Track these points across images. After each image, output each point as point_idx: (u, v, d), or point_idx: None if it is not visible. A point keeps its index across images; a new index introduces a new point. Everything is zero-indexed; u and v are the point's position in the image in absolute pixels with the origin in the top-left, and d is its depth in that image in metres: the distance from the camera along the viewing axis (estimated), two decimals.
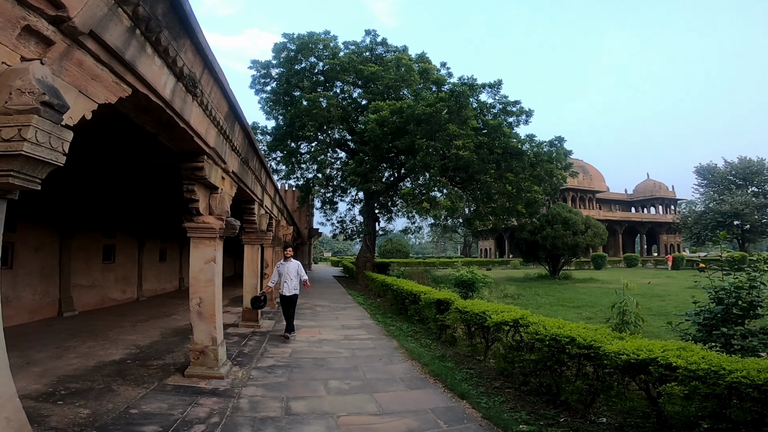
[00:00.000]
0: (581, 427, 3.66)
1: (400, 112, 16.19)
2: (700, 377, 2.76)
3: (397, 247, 49.91)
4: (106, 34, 2.29)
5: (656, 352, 3.05)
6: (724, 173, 46.66)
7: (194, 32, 3.25)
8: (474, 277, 10.50)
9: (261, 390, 4.86)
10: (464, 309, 6.23)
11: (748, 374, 2.62)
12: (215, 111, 4.38)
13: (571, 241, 21.44)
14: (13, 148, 1.81)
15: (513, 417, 3.94)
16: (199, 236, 5.16)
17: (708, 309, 4.71)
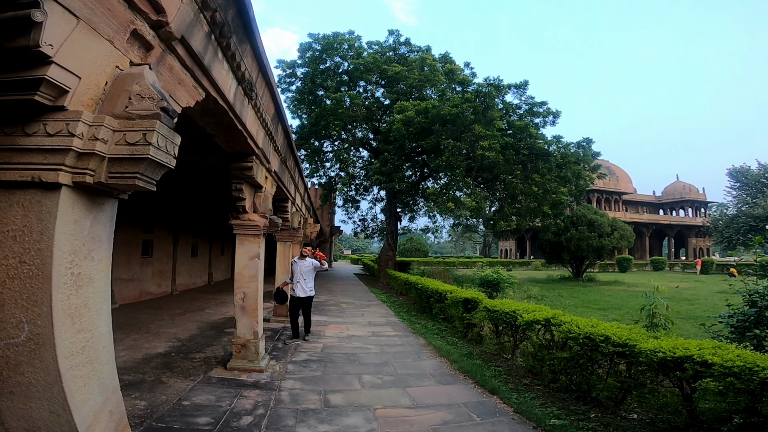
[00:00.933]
0: (612, 422, 3.76)
1: (426, 113, 16.30)
2: (735, 374, 2.86)
3: (417, 246, 49.99)
4: (192, 40, 2.43)
5: (692, 350, 3.17)
6: (757, 176, 44.76)
7: (254, 37, 3.46)
8: (499, 277, 10.58)
9: (299, 383, 5.10)
10: (493, 308, 6.35)
11: None
12: (265, 113, 4.63)
13: (596, 243, 21.16)
14: (139, 152, 1.93)
15: (544, 412, 4.04)
16: (244, 233, 5.41)
17: (741, 311, 4.77)
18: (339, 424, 3.89)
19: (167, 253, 13.72)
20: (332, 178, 23.05)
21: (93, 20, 1.78)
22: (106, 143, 1.94)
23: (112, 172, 1.97)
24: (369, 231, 25.29)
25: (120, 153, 1.96)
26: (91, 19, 1.77)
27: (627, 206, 52.96)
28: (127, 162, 1.97)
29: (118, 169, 1.97)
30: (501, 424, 3.90)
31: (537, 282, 22.05)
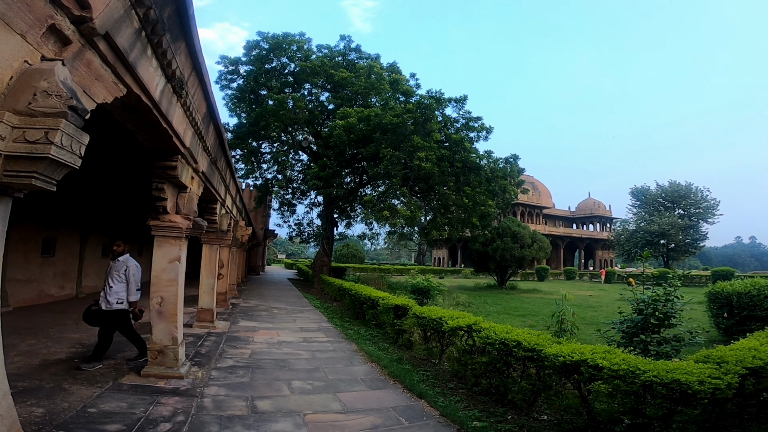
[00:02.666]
0: (526, 423, 4.01)
1: (368, 120, 16.51)
2: (621, 376, 3.15)
3: (353, 252, 50.07)
4: (118, 36, 2.34)
5: (587, 355, 3.48)
6: (655, 195, 51.15)
7: (191, 35, 3.35)
8: (429, 284, 10.98)
9: (224, 390, 4.93)
10: (422, 315, 6.58)
11: (658, 374, 3.05)
12: (195, 112, 4.46)
13: (518, 253, 22.74)
14: (39, 151, 1.85)
15: (467, 415, 4.23)
16: (164, 235, 5.16)
17: (630, 318, 5.40)
18: (267, 429, 3.83)
19: (73, 252, 12.42)
20: (269, 181, 22.40)
21: (7, 14, 1.66)
22: (3, 140, 1.81)
23: (7, 170, 1.86)
24: (305, 236, 24.90)
25: (17, 151, 1.86)
26: (5, 13, 1.65)
27: (546, 220, 57.59)
28: (25, 160, 1.88)
29: (15, 167, 1.87)
30: (428, 427, 4.04)
31: (466, 289, 23.09)
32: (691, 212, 48.37)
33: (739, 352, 3.45)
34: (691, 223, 47.19)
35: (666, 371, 3.06)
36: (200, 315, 8.83)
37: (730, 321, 8.00)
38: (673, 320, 5.19)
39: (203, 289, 8.93)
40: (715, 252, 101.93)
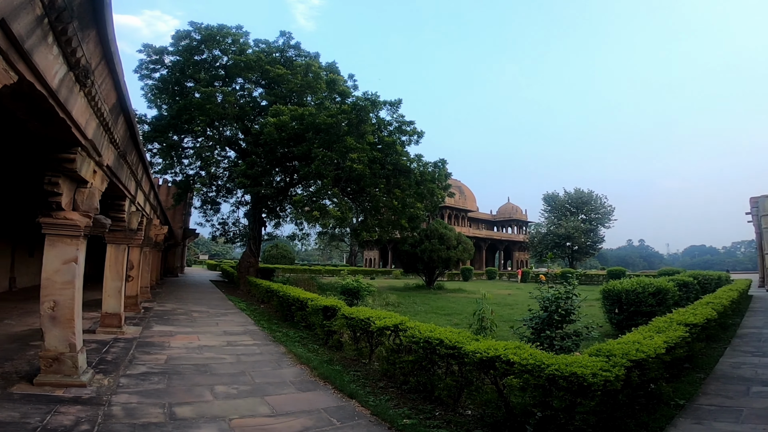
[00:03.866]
0: (452, 419, 4.15)
1: (301, 119, 16.21)
2: (529, 370, 3.35)
3: (283, 253, 48.68)
4: (15, 23, 2.16)
5: (500, 351, 3.70)
6: (563, 201, 56.50)
7: (104, 24, 3.13)
8: (359, 285, 11.08)
9: (136, 397, 4.61)
10: (350, 315, 6.65)
11: (559, 368, 3.26)
12: (102, 102, 4.13)
13: (445, 254, 23.80)
14: None
15: (397, 413, 4.32)
16: (58, 233, 4.69)
17: (538, 315, 5.96)
18: None
19: None
20: (190, 177, 20.97)
21: None
22: None
23: None
24: (230, 235, 23.68)
25: None
26: None
27: (471, 222, 60.91)
28: None
29: None
30: (359, 426, 4.08)
31: (396, 290, 23.55)
32: (591, 217, 54.24)
33: (625, 346, 3.87)
34: (591, 227, 52.94)
35: (566, 365, 3.29)
36: (105, 320, 8.12)
37: (621, 316, 8.88)
38: (573, 316, 5.81)
39: (108, 292, 8.19)
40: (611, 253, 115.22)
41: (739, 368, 6.09)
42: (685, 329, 5.14)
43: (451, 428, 3.93)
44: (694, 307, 7.26)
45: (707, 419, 3.99)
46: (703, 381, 5.42)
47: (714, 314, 6.92)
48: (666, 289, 8.75)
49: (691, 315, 6.04)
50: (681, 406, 4.41)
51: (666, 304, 8.57)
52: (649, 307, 8.47)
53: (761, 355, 6.99)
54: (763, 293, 22.71)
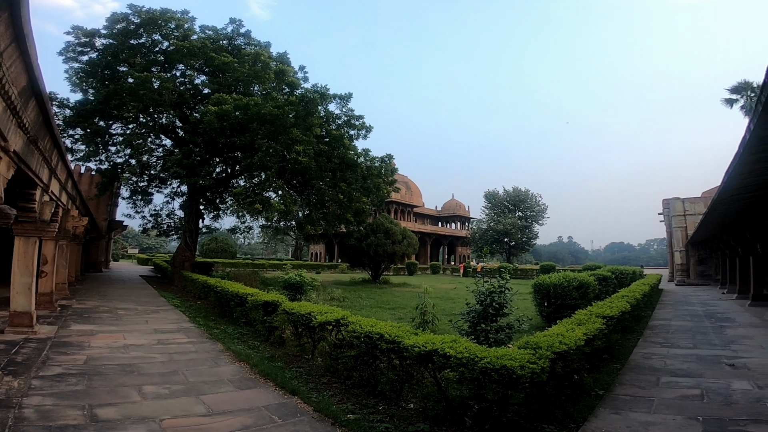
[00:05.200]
0: (395, 413, 4.17)
1: (246, 109, 15.60)
2: (464, 363, 3.40)
3: (223, 247, 46.65)
4: None
5: (437, 344, 3.76)
6: (502, 199, 59.39)
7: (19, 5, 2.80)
8: (302, 280, 10.91)
9: (51, 399, 4.25)
10: (291, 311, 6.54)
11: (491, 360, 3.32)
12: (9, 85, 3.72)
13: (390, 249, 24.12)
14: None
15: (341, 408, 4.30)
16: None
17: (474, 309, 6.21)
18: None
19: None
20: (118, 165, 19.41)
21: None
22: None
23: None
24: (163, 228, 22.22)
25: None
26: None
27: (416, 218, 62.17)
28: None
29: None
30: (302, 423, 4.01)
31: (342, 284, 23.45)
32: (527, 215, 57.57)
33: (549, 338, 4.04)
34: (527, 224, 56.23)
35: (497, 357, 3.37)
36: (14, 319, 7.37)
37: (549, 309, 9.44)
38: (506, 310, 6.13)
39: (17, 289, 7.43)
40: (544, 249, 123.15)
41: (650, 359, 6.54)
42: (603, 321, 5.45)
43: (394, 422, 3.95)
44: (611, 300, 7.73)
45: (624, 409, 4.21)
46: (619, 371, 5.72)
47: (628, 307, 7.44)
48: (588, 283, 9.49)
49: (608, 308, 6.37)
50: (600, 396, 4.65)
51: (588, 297, 9.28)
52: (573, 300, 9.08)
53: (669, 346, 7.61)
54: (672, 287, 25.55)
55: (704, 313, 12.51)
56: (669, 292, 21.47)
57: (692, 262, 28.74)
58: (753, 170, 6.05)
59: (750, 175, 6.43)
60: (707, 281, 27.07)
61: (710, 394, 4.48)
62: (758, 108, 3.43)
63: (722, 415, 3.80)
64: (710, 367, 5.82)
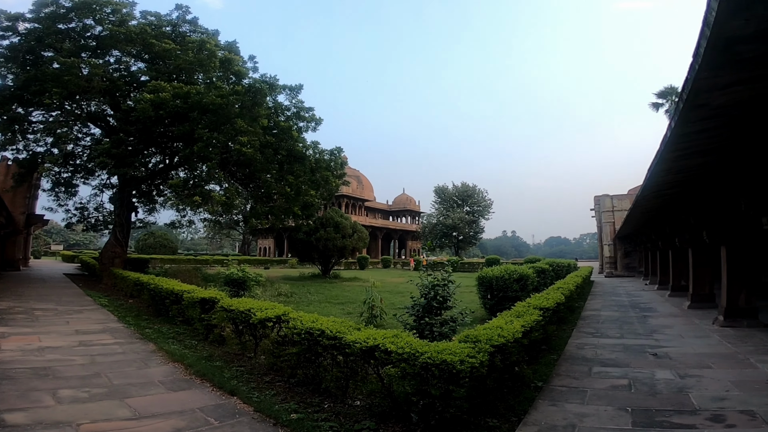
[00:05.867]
0: (341, 410, 4.07)
1: (186, 97, 14.75)
2: (406, 359, 3.33)
3: (163, 242, 43.94)
4: None
5: (379, 340, 3.68)
6: (451, 193, 60.88)
7: None
8: (245, 275, 10.45)
9: None
10: (230, 307, 6.25)
11: (431, 356, 3.24)
12: None
13: (340, 243, 23.84)
14: None
15: (284, 407, 4.14)
16: None
17: (418, 303, 6.22)
18: None
19: None
20: (38, 155, 17.62)
21: None
22: None
23: None
24: (91, 222, 20.43)
25: None
26: None
27: (368, 212, 62.26)
28: None
29: None
30: (241, 425, 3.84)
31: (291, 279, 22.85)
32: (474, 209, 59.51)
33: (489, 331, 3.99)
34: (474, 218, 58.19)
35: (437, 352, 3.30)
36: None
37: (492, 301, 9.61)
38: (449, 303, 6.20)
39: None
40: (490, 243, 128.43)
41: (583, 349, 6.76)
42: (540, 313, 5.56)
43: (339, 420, 3.87)
44: (548, 292, 7.97)
45: (560, 401, 4.30)
46: (556, 362, 5.84)
47: (562, 298, 7.73)
48: (527, 275, 9.89)
49: (545, 300, 6.50)
50: (540, 387, 4.72)
51: (527, 289, 9.66)
52: (514, 292, 9.36)
53: (599, 336, 7.98)
54: (602, 278, 27.59)
55: (630, 303, 13.50)
56: (599, 283, 23.15)
57: (619, 255, 31.23)
58: (672, 168, 6.55)
59: (669, 173, 6.96)
60: (632, 273, 29.54)
61: (637, 384, 4.69)
62: (679, 105, 3.65)
63: (649, 406, 3.97)
64: (636, 357, 6.12)
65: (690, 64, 3.03)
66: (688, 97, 3.39)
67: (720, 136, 4.79)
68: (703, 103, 3.57)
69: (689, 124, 4.14)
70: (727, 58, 2.79)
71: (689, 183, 8.19)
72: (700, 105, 3.61)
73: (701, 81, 3.12)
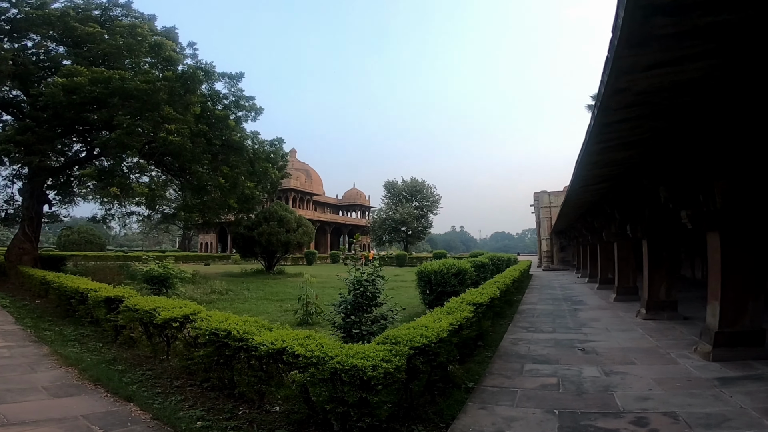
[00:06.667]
0: (257, 417, 3.77)
1: (107, 82, 13.54)
2: (314, 363, 3.01)
3: (88, 238, 40.33)
4: None
5: (288, 342, 3.33)
6: (401, 188, 61.33)
7: None
8: (168, 272, 9.59)
9: None
10: (135, 307, 5.69)
11: (341, 360, 2.91)
12: None
13: (284, 238, 22.98)
14: None
15: (188, 414, 3.85)
16: None
17: (345, 299, 5.85)
18: None
19: None
20: None
21: None
22: None
23: None
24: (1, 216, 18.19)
25: None
26: None
27: (317, 206, 61.18)
28: None
29: None
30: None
31: (232, 276, 21.81)
32: (423, 204, 60.36)
33: (412, 331, 3.68)
34: (423, 213, 59.03)
35: (348, 356, 3.00)
36: None
37: (432, 296, 9.34)
38: (380, 299, 5.89)
39: None
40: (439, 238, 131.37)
41: (517, 344, 6.69)
42: (472, 309, 5.30)
43: (252, 428, 3.58)
44: (483, 287, 7.74)
45: (491, 403, 4.14)
46: (490, 359, 5.70)
47: (497, 293, 7.53)
48: (465, 270, 9.82)
49: (479, 295, 6.22)
50: (471, 389, 4.51)
51: (465, 283, 9.54)
52: (452, 287, 9.20)
53: (534, 331, 8.00)
54: (540, 272, 28.94)
55: (563, 296, 14.05)
56: (537, 277, 24.22)
57: (555, 249, 32.98)
58: (597, 161, 6.69)
59: (595, 166, 7.13)
60: (567, 267, 31.32)
61: (565, 383, 4.66)
62: (601, 89, 3.57)
63: (575, 408, 3.91)
64: (566, 352, 6.15)
65: (609, 41, 2.91)
66: (608, 80, 3.29)
67: (641, 127, 4.87)
68: (624, 87, 3.48)
69: (611, 111, 4.10)
70: (647, 31, 2.65)
71: (615, 178, 8.52)
72: (622, 89, 3.53)
73: (622, 60, 3.02)
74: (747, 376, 4.71)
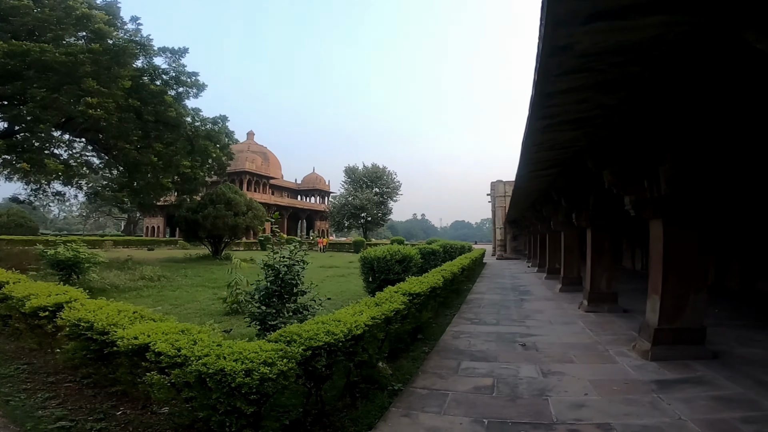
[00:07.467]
0: (138, 419, 3.39)
1: (25, 55, 12.35)
2: (180, 364, 2.56)
3: (18, 221, 37.02)
4: None
5: (152, 337, 2.82)
6: (361, 174, 60.50)
7: None
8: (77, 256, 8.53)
9: None
10: (10, 294, 5.02)
11: (207, 362, 2.45)
12: None
13: (232, 221, 21.75)
14: None
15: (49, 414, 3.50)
16: None
17: (264, 287, 5.21)
18: None
19: None
20: None
21: None
22: None
23: None
24: None
25: None
26: None
27: (274, 190, 59.30)
28: None
29: None
30: None
31: (173, 261, 20.54)
32: (383, 191, 59.94)
33: (319, 326, 3.21)
34: (382, 200, 58.67)
35: (219, 357, 2.50)
36: None
37: (374, 284, 8.90)
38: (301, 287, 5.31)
39: None
40: (400, 225, 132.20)
41: (458, 338, 6.43)
42: (405, 300, 4.86)
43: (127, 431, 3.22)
44: (426, 275, 7.37)
45: (416, 409, 3.78)
46: (427, 355, 5.40)
47: (440, 282, 7.12)
48: (410, 256, 9.38)
49: (418, 284, 5.86)
50: (397, 392, 4.13)
51: (411, 271, 9.12)
52: (396, 274, 8.75)
53: (478, 323, 7.64)
54: (493, 261, 29.38)
55: (511, 285, 14.07)
56: (490, 265, 24.51)
57: (509, 238, 33.68)
58: (543, 142, 6.37)
59: (541, 148, 6.80)
60: (519, 256, 32.07)
61: (500, 385, 4.38)
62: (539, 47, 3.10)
63: (506, 416, 3.61)
64: (506, 348, 5.91)
65: None
66: (546, 32, 2.83)
67: (588, 101, 4.52)
68: (564, 44, 3.06)
69: (553, 78, 3.68)
70: None
71: (562, 164, 8.33)
72: (562, 47, 3.11)
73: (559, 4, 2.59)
74: (686, 380, 4.51)
